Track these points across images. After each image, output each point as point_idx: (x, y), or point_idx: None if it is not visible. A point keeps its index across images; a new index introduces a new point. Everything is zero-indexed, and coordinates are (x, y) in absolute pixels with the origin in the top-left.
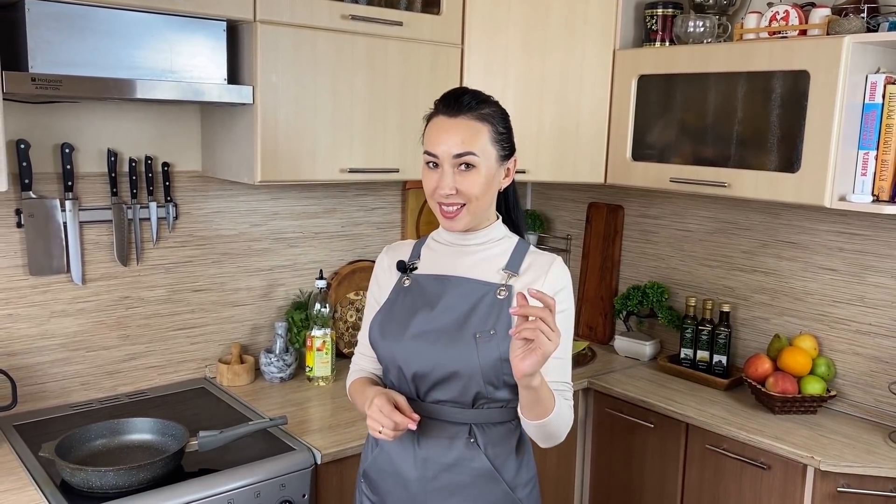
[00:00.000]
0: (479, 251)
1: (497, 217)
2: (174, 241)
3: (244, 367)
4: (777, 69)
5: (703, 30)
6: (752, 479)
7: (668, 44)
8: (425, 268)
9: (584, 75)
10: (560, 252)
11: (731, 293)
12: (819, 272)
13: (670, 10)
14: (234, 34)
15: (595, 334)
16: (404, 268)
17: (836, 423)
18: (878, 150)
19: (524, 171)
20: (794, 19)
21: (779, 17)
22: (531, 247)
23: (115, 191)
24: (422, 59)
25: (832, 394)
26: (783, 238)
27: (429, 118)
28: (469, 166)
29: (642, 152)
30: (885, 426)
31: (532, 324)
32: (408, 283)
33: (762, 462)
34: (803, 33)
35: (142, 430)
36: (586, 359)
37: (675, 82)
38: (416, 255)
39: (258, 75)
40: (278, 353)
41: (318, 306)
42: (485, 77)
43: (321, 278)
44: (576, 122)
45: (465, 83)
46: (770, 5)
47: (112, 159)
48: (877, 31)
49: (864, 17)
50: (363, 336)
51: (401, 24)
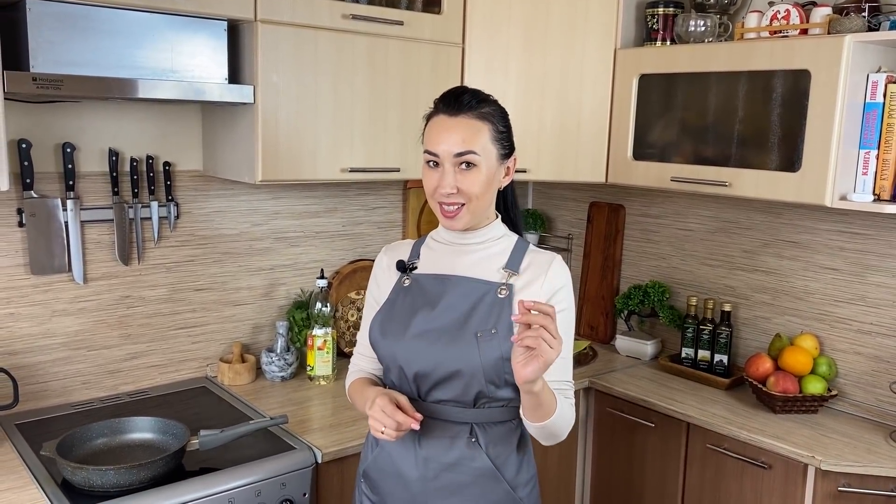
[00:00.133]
0: (478, 250)
1: (496, 216)
2: (175, 241)
3: (245, 366)
4: (778, 68)
5: (704, 29)
6: (753, 479)
7: (669, 43)
8: (425, 267)
9: (585, 75)
10: (561, 251)
11: (733, 292)
12: (820, 271)
13: (671, 9)
14: (235, 34)
15: (596, 334)
16: (404, 267)
17: (838, 422)
18: (879, 149)
19: (525, 171)
20: (795, 18)
21: (780, 17)
22: (530, 245)
23: (116, 190)
24: (422, 59)
25: (833, 393)
26: (784, 237)
27: (429, 117)
28: (470, 165)
29: (643, 151)
30: (887, 426)
31: (535, 332)
32: (408, 282)
33: (763, 461)
34: (804, 32)
35: (143, 429)
36: (587, 358)
37: (676, 81)
38: (415, 254)
39: (259, 75)
40: (279, 352)
41: (319, 305)
42: (485, 76)
43: (322, 277)
44: (577, 122)
45: (465, 82)
46: (771, 4)
47: (113, 159)
48: (878, 29)
49: (865, 16)
50: (362, 336)
51: (402, 23)
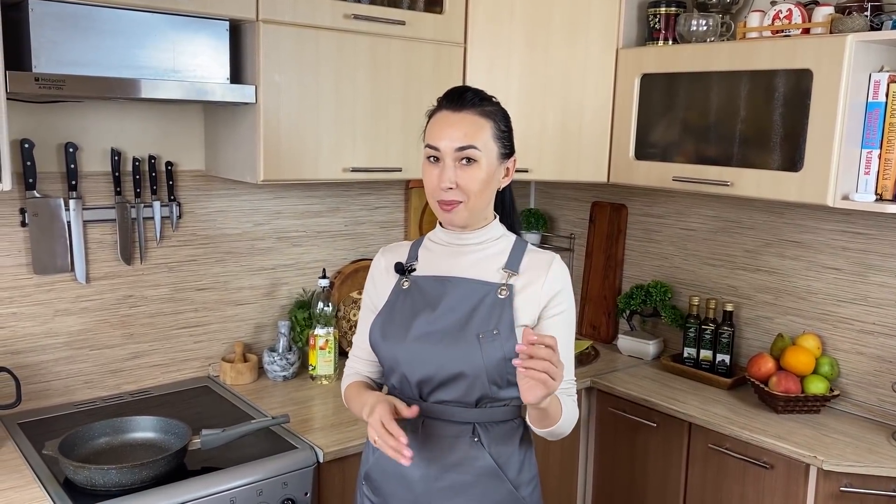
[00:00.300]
0: (477, 251)
1: (494, 217)
2: (177, 240)
3: (247, 365)
4: (780, 68)
5: (706, 28)
6: (755, 479)
7: (671, 42)
8: (424, 269)
9: (587, 74)
10: (564, 251)
11: (735, 292)
12: (823, 271)
13: (673, 8)
14: (237, 34)
15: (598, 333)
16: (402, 269)
17: (840, 422)
18: (881, 148)
19: (527, 171)
20: (798, 18)
21: (782, 16)
22: (529, 245)
23: (118, 190)
24: (424, 58)
25: (835, 393)
26: (787, 237)
27: (431, 114)
28: (470, 161)
29: (645, 151)
30: (889, 426)
31: (540, 365)
32: (406, 284)
33: (765, 461)
34: (806, 32)
35: (145, 429)
36: (589, 358)
37: (678, 81)
38: (413, 256)
39: (261, 75)
40: (281, 351)
41: (321, 305)
42: (487, 76)
43: (324, 277)
44: (579, 122)
45: (467, 82)
46: (773, 4)
47: (116, 158)
48: (880, 29)
49: (867, 16)
50: (358, 338)
51: (403, 23)
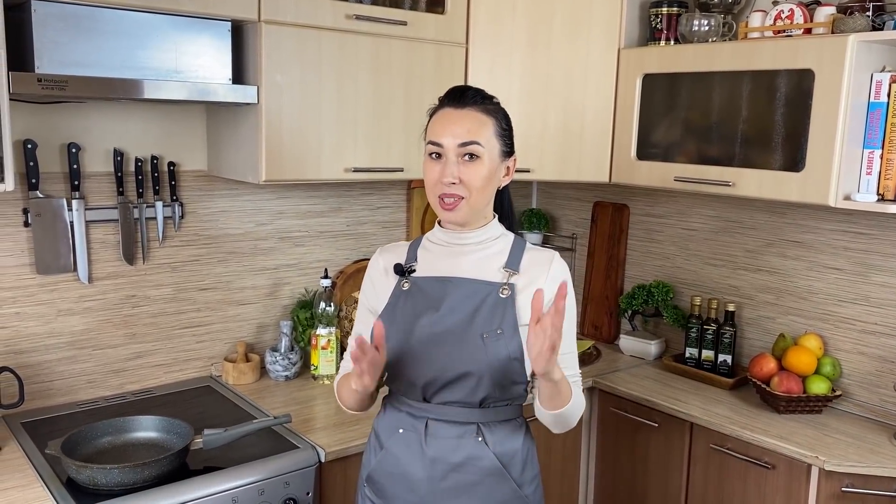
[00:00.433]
0: (477, 250)
1: (493, 216)
2: (180, 240)
3: (249, 365)
4: (782, 68)
5: (707, 28)
6: (757, 479)
7: (672, 43)
8: (423, 269)
9: (589, 74)
10: (565, 251)
11: (737, 292)
12: (824, 271)
13: (675, 8)
14: (239, 34)
15: (600, 333)
16: (402, 271)
17: (841, 422)
18: (883, 148)
19: (529, 171)
20: (799, 18)
21: (783, 16)
22: (528, 243)
23: (121, 190)
24: (426, 59)
25: (837, 393)
26: (788, 237)
27: (433, 112)
28: (473, 157)
29: (647, 151)
30: (891, 426)
31: (556, 322)
32: (407, 286)
33: (766, 462)
34: (808, 32)
35: (147, 428)
36: (591, 358)
37: (680, 81)
38: (412, 257)
39: (263, 75)
40: (283, 351)
41: (323, 305)
42: (489, 76)
43: (326, 277)
44: (580, 122)
45: (469, 82)
46: (775, 4)
47: (118, 159)
48: (882, 29)
49: (869, 16)
50: (354, 340)
51: (405, 23)
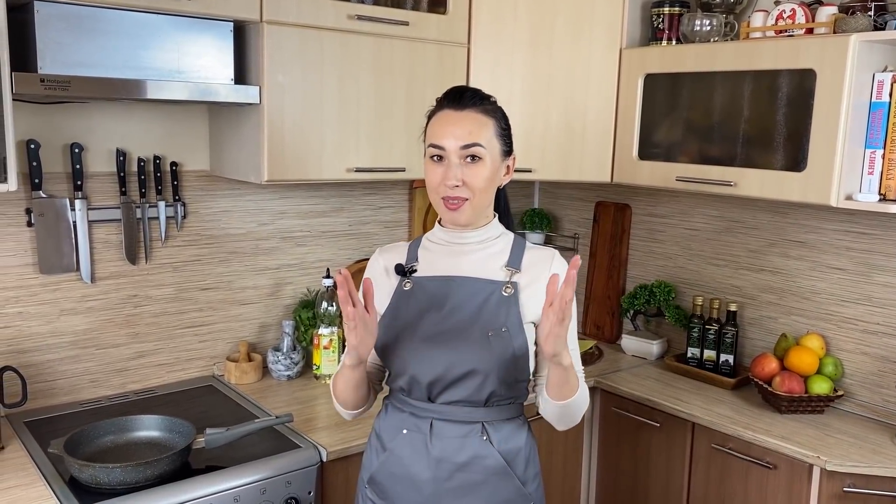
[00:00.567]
0: (478, 249)
1: (494, 215)
2: (182, 240)
3: (252, 365)
4: (783, 68)
5: (709, 28)
6: (758, 479)
7: (674, 42)
8: (425, 269)
9: (591, 74)
10: (568, 251)
11: (739, 292)
12: (827, 271)
13: (677, 8)
14: (241, 34)
15: (602, 333)
16: (403, 271)
17: (843, 422)
18: (885, 148)
19: (530, 171)
20: (801, 18)
21: (785, 16)
22: (527, 242)
23: (124, 190)
24: (428, 59)
25: (839, 393)
26: (790, 237)
27: (432, 114)
28: (475, 158)
29: (649, 151)
30: (893, 426)
31: (566, 293)
32: (409, 285)
33: (768, 462)
34: (810, 32)
35: (149, 427)
36: (593, 358)
37: (682, 81)
38: (413, 257)
39: (265, 75)
40: (286, 351)
41: (325, 305)
42: (491, 76)
43: (328, 277)
44: (582, 122)
45: (471, 83)
46: (777, 3)
47: (121, 159)
48: (884, 29)
49: (871, 16)
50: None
51: (407, 23)
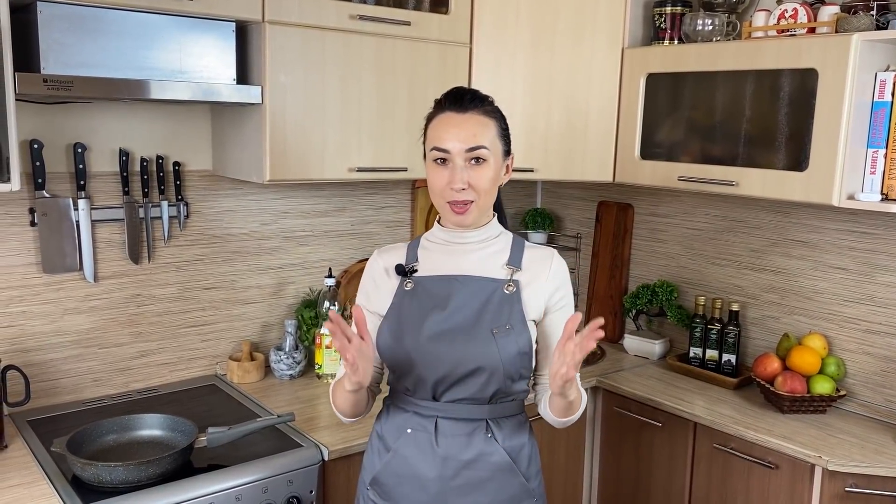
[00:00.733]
0: (479, 249)
1: (493, 215)
2: (185, 240)
3: (254, 364)
4: (785, 67)
5: (711, 28)
6: (760, 479)
7: (676, 42)
8: (425, 269)
9: (593, 74)
10: (570, 251)
11: (741, 292)
12: (829, 271)
13: (679, 8)
14: (244, 34)
15: (605, 333)
16: (404, 271)
17: (846, 422)
18: (887, 148)
19: (532, 170)
20: (803, 17)
21: (787, 15)
22: (525, 241)
23: (126, 190)
24: (430, 59)
25: (842, 393)
26: (793, 237)
27: (431, 116)
28: (479, 160)
29: (651, 151)
30: (895, 426)
31: (577, 356)
32: (410, 286)
33: (770, 462)
34: (812, 31)
35: (152, 426)
36: (595, 357)
37: (684, 81)
38: (413, 257)
39: (267, 75)
40: (288, 350)
41: (327, 304)
42: (493, 76)
43: (330, 276)
44: (584, 121)
45: (473, 82)
46: (779, 3)
47: (124, 159)
48: (886, 28)
49: (873, 15)
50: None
51: (409, 23)
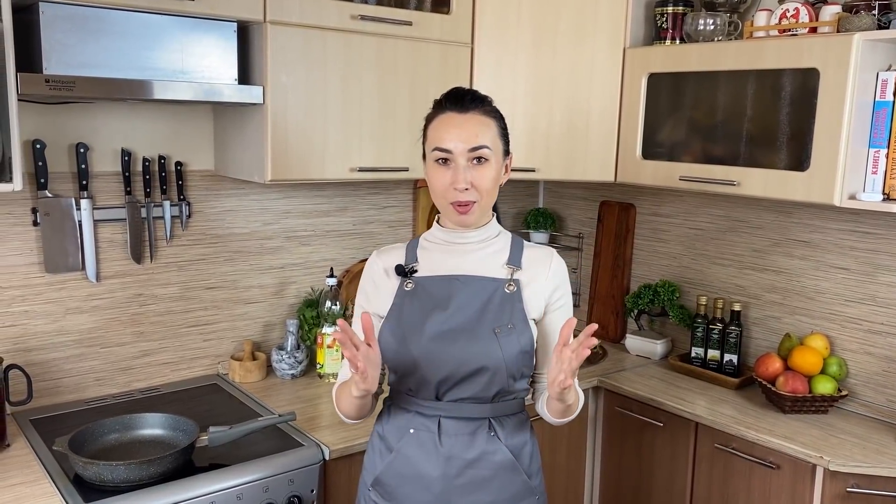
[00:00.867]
0: (479, 248)
1: (493, 214)
2: (187, 240)
3: (256, 363)
4: (787, 67)
5: (713, 28)
6: (762, 479)
7: (678, 42)
8: (425, 269)
9: (594, 74)
10: (572, 250)
11: (743, 292)
12: (831, 271)
13: (681, 7)
14: (245, 35)
15: (607, 333)
16: (404, 272)
17: (847, 422)
18: (888, 147)
19: (534, 170)
20: (805, 17)
21: (789, 15)
22: (524, 241)
23: (129, 190)
24: (431, 59)
25: (843, 394)
26: (795, 237)
27: (431, 117)
28: (481, 160)
29: (652, 150)
30: None
31: (574, 364)
32: (410, 286)
33: (771, 462)
34: (813, 31)
35: (153, 426)
36: (597, 357)
37: (685, 80)
38: (412, 257)
39: (268, 75)
40: (290, 350)
41: (329, 304)
42: (495, 76)
43: (332, 276)
44: (586, 121)
45: (475, 82)
46: (781, 2)
47: (126, 159)
48: (888, 28)
49: (875, 14)
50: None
51: (410, 23)
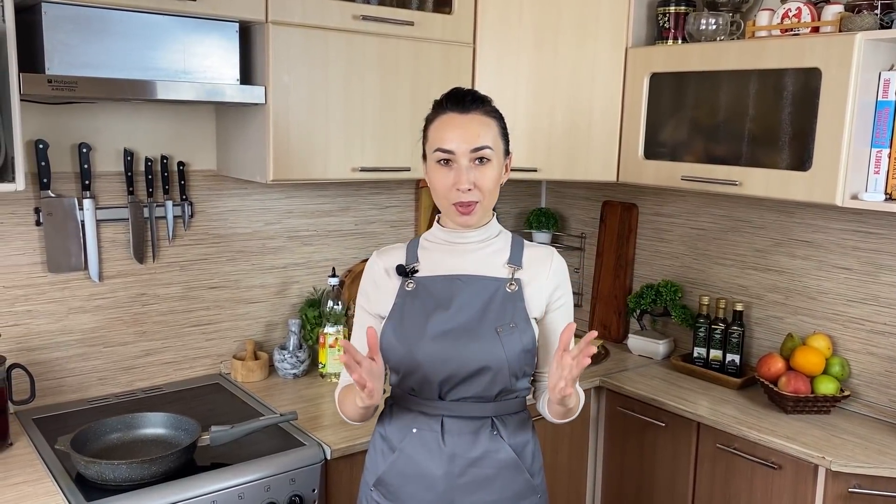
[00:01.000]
0: (480, 248)
1: (493, 214)
2: (189, 239)
3: (258, 363)
4: (789, 67)
5: (715, 27)
6: (764, 479)
7: (680, 42)
8: (426, 269)
9: (596, 74)
10: (574, 250)
11: (745, 292)
12: (833, 271)
13: (683, 7)
14: (247, 35)
15: (609, 333)
16: (405, 272)
17: (850, 423)
18: (891, 147)
19: (536, 170)
20: (807, 16)
21: (791, 15)
22: (524, 240)
23: (131, 189)
24: (433, 59)
25: (846, 394)
26: (797, 237)
27: (432, 118)
28: (484, 160)
29: (654, 150)
30: None
31: (575, 371)
32: (412, 286)
33: (773, 462)
34: (815, 30)
35: (155, 425)
36: (600, 357)
37: (687, 80)
38: (413, 257)
39: (270, 75)
40: (292, 349)
41: (331, 304)
42: (496, 76)
43: (334, 276)
44: (588, 121)
45: (476, 82)
46: (783, 2)
47: (128, 158)
48: (890, 27)
49: (877, 14)
50: (355, 344)
51: (412, 23)
